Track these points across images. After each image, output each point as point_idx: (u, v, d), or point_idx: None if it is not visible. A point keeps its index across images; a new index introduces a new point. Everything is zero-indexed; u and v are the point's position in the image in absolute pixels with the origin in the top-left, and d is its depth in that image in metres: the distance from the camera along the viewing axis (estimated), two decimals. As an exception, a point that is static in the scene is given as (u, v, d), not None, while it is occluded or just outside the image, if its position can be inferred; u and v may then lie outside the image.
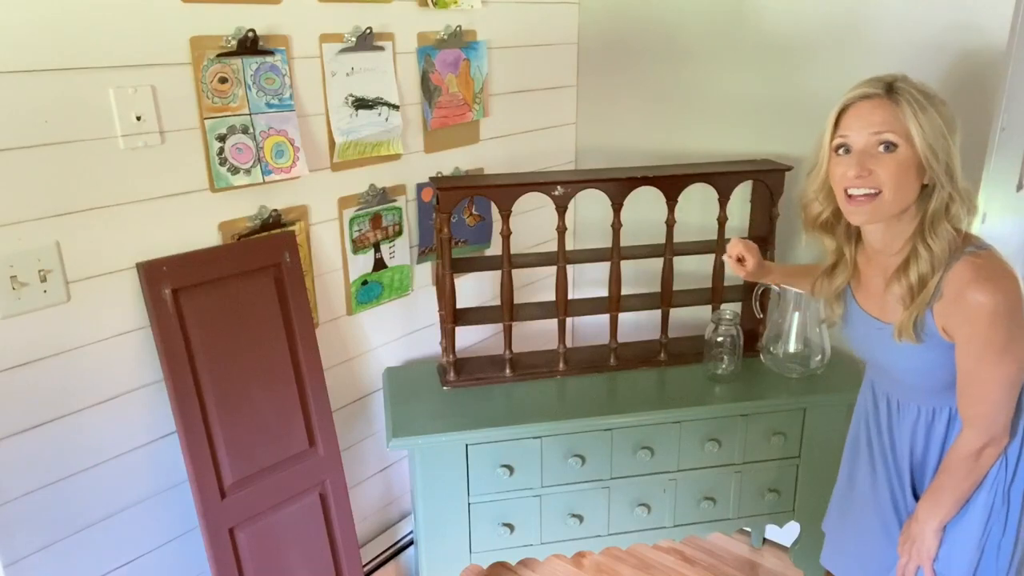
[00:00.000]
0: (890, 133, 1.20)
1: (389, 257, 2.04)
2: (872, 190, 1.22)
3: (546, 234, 2.30)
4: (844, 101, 1.26)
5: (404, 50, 1.93)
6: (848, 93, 1.26)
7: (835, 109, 1.26)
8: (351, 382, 2.04)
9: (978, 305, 1.19)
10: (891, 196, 1.22)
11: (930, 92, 1.22)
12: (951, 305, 1.23)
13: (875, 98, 1.22)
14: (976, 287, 1.20)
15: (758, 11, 2.11)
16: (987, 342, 1.21)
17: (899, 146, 1.20)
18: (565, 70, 2.48)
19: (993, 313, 1.19)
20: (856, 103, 1.24)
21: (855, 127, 1.23)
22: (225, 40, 1.55)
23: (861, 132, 1.22)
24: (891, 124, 1.20)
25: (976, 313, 1.20)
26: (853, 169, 1.22)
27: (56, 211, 1.37)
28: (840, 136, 1.25)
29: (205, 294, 1.58)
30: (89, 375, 1.47)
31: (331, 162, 1.83)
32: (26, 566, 1.43)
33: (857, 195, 1.23)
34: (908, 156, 1.20)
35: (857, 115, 1.23)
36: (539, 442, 1.90)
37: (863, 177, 1.21)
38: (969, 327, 1.22)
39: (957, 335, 1.24)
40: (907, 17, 1.87)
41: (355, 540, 1.89)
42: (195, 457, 1.57)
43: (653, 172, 1.99)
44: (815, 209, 1.37)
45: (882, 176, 1.20)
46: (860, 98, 1.24)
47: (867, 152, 1.22)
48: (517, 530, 1.97)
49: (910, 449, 1.42)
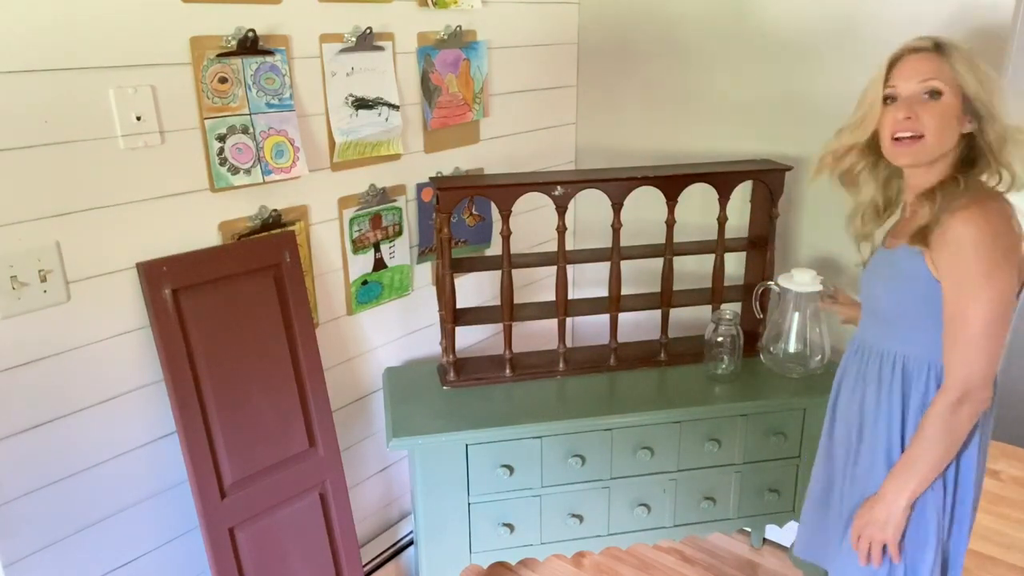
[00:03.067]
0: (936, 80, 1.27)
1: (389, 257, 2.04)
2: (916, 133, 1.28)
3: (546, 234, 2.30)
4: (893, 56, 1.33)
5: (404, 50, 1.93)
6: (897, 50, 1.34)
7: (885, 63, 1.33)
8: (351, 382, 2.04)
9: (961, 233, 1.24)
10: (933, 140, 1.29)
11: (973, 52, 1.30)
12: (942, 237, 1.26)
13: (923, 51, 1.30)
14: (961, 217, 1.24)
15: (758, 11, 2.11)
16: (967, 272, 1.24)
17: (943, 94, 1.27)
18: (565, 70, 2.48)
19: (976, 243, 1.23)
20: (905, 56, 1.32)
21: (904, 76, 1.30)
22: (225, 40, 1.55)
23: (909, 81, 1.30)
24: (937, 73, 1.28)
25: (959, 242, 1.24)
26: (902, 112, 1.29)
27: (56, 211, 1.37)
28: (889, 87, 1.32)
29: (205, 294, 1.58)
30: (89, 375, 1.47)
31: (331, 162, 1.83)
32: (26, 566, 1.43)
33: (903, 138, 1.30)
34: (952, 104, 1.28)
35: (908, 67, 1.31)
36: (539, 442, 1.90)
37: (911, 119, 1.28)
38: (952, 257, 1.25)
39: (943, 269, 1.27)
40: (907, 18, 1.87)
41: (355, 540, 1.89)
42: (195, 457, 1.57)
43: (653, 172, 1.99)
44: (848, 162, 1.44)
45: (926, 121, 1.28)
46: (909, 52, 1.32)
47: (914, 99, 1.29)
48: (517, 530, 1.97)
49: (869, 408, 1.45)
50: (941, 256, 1.27)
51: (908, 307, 1.37)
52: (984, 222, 1.23)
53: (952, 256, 1.25)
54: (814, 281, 1.89)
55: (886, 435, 1.41)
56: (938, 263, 1.28)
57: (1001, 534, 2.49)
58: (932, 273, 1.29)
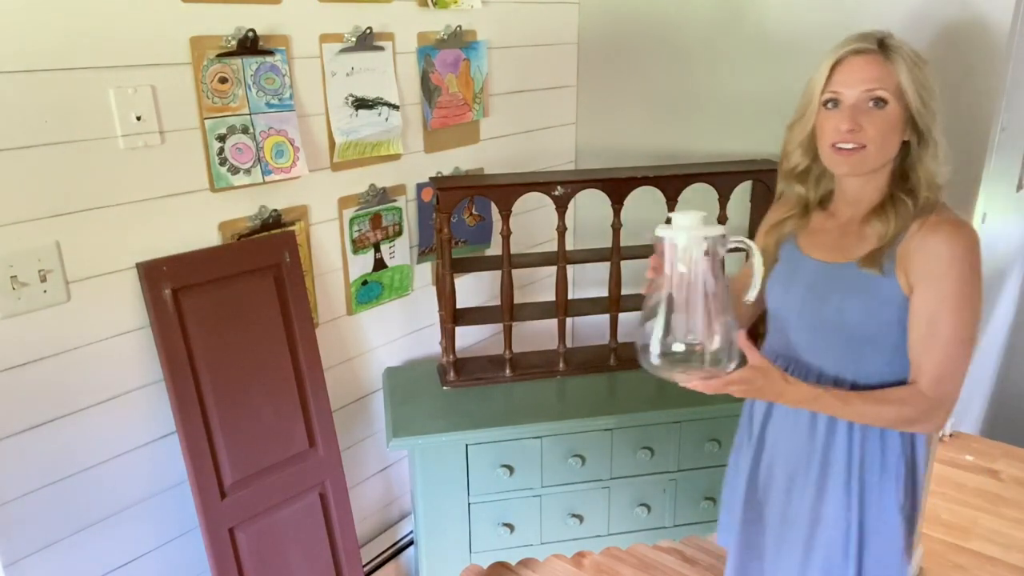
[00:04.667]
0: (882, 90, 1.21)
1: (389, 257, 2.04)
2: (859, 144, 1.23)
3: (546, 234, 2.30)
4: (836, 56, 1.25)
5: (404, 50, 1.93)
6: (839, 47, 1.26)
7: (827, 62, 1.26)
8: (351, 382, 2.04)
9: (945, 246, 1.21)
10: (875, 151, 1.23)
11: (918, 52, 1.24)
12: (917, 251, 1.23)
13: (868, 53, 1.23)
14: (945, 231, 1.22)
15: (758, 11, 2.11)
16: (953, 283, 1.20)
17: (888, 103, 1.22)
18: (565, 70, 2.48)
19: (963, 257, 1.21)
20: (848, 58, 1.24)
21: (847, 82, 1.23)
22: (225, 40, 1.55)
23: (854, 88, 1.22)
24: (883, 80, 1.21)
25: (942, 255, 1.21)
26: (845, 123, 1.22)
27: (56, 211, 1.37)
28: (831, 91, 1.25)
29: (205, 294, 1.58)
30: (89, 375, 1.47)
31: (331, 162, 1.83)
32: (26, 566, 1.43)
33: (844, 148, 1.24)
34: (896, 113, 1.22)
35: (851, 71, 1.23)
36: (539, 442, 1.90)
37: (854, 131, 1.22)
38: (935, 268, 1.21)
39: (919, 279, 1.22)
40: (907, 17, 1.87)
41: (355, 540, 1.89)
42: (195, 457, 1.57)
43: (653, 172, 1.99)
44: (794, 160, 1.37)
45: (870, 132, 1.22)
46: (852, 53, 1.24)
47: (858, 107, 1.22)
48: (517, 530, 1.97)
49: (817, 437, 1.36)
50: (921, 267, 1.22)
51: (883, 330, 1.28)
52: (969, 240, 1.21)
53: (937, 266, 1.20)
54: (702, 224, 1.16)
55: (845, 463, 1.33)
56: (915, 273, 1.22)
57: (1001, 534, 2.49)
58: (899, 283, 1.24)
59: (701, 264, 1.15)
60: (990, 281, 3.37)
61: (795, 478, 1.40)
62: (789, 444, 1.41)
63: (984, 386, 3.79)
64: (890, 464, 1.32)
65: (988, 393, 3.86)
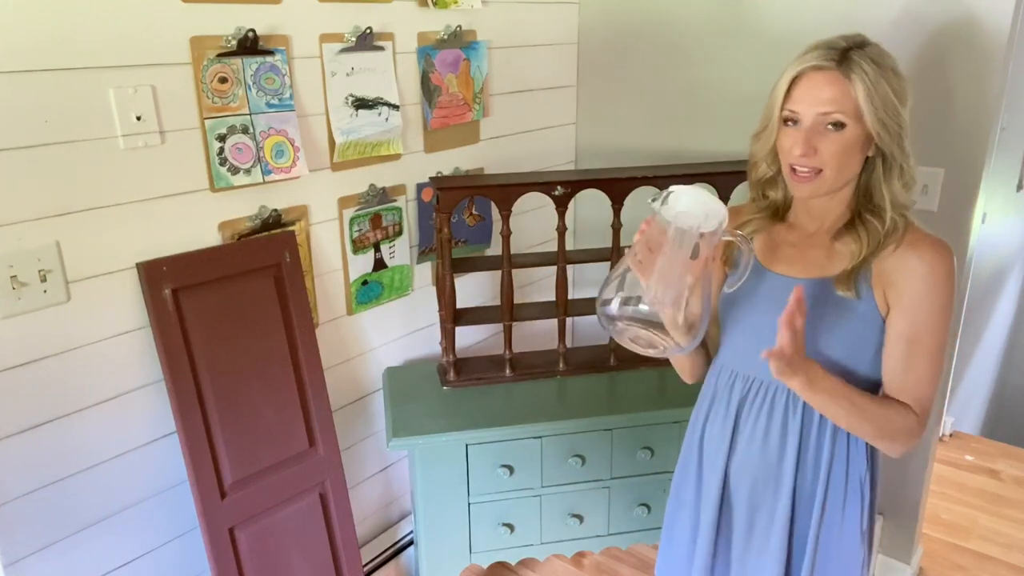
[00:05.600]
0: (839, 113, 1.16)
1: (389, 257, 2.04)
2: (815, 168, 1.19)
3: (546, 234, 2.30)
4: (796, 70, 1.19)
5: (404, 50, 1.93)
6: (800, 60, 1.20)
7: (786, 76, 1.20)
8: (351, 382, 2.04)
9: (927, 266, 1.18)
10: (833, 175, 1.19)
11: (883, 62, 1.17)
12: (896, 271, 1.19)
13: (827, 71, 1.17)
14: (926, 250, 1.19)
15: (758, 11, 2.11)
16: (935, 301, 1.18)
17: (847, 125, 1.16)
18: (565, 70, 2.48)
19: (946, 276, 1.19)
20: (808, 74, 1.18)
21: (805, 101, 1.18)
22: (225, 40, 1.55)
23: (810, 109, 1.17)
24: (840, 103, 1.16)
25: (924, 275, 1.18)
26: (799, 147, 1.18)
27: (56, 211, 1.37)
28: (789, 110, 1.20)
29: (205, 294, 1.58)
30: (89, 375, 1.47)
31: (331, 162, 1.83)
32: (26, 566, 1.43)
33: (801, 171, 1.20)
34: (855, 135, 1.17)
35: (808, 89, 1.18)
36: (539, 442, 1.90)
37: (808, 156, 1.18)
38: (916, 288, 1.18)
39: (898, 299, 1.19)
40: (906, 17, 1.87)
41: (355, 540, 1.89)
42: (195, 457, 1.57)
43: (653, 172, 1.99)
44: (762, 170, 1.32)
45: (826, 156, 1.17)
46: (812, 69, 1.18)
47: (814, 130, 1.18)
48: (517, 530, 1.97)
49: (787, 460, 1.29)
50: (902, 287, 1.19)
51: (855, 349, 1.24)
52: (949, 260, 1.19)
53: (919, 286, 1.18)
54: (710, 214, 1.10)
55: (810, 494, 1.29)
56: (894, 293, 1.20)
57: (1001, 534, 2.49)
58: (880, 312, 1.21)
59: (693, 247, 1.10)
60: (990, 281, 3.37)
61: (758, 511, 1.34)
62: (753, 478, 1.33)
63: (984, 386, 3.79)
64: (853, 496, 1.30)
65: (988, 393, 3.86)
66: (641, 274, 1.11)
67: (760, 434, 1.31)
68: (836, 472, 1.29)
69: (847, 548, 1.32)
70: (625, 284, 1.14)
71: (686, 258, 1.09)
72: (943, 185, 1.89)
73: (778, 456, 1.30)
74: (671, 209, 1.09)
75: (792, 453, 1.28)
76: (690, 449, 1.44)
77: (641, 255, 1.11)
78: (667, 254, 1.09)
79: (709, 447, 1.39)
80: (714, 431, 1.38)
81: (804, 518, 1.31)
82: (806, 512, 1.31)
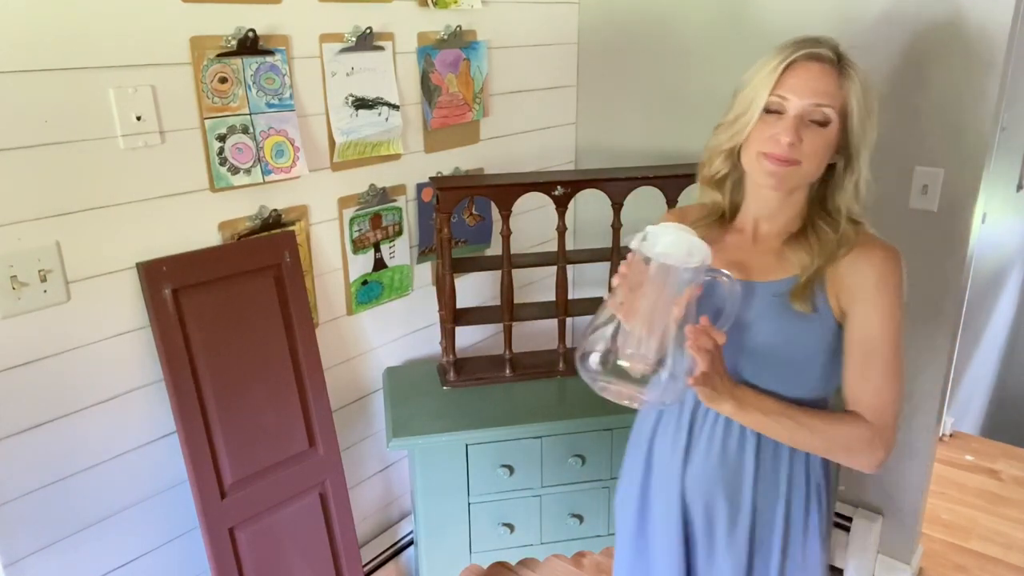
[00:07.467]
0: (829, 107, 1.12)
1: (389, 257, 2.04)
2: (796, 159, 1.13)
3: (546, 234, 2.30)
4: (790, 56, 1.13)
5: (404, 50, 1.93)
6: (794, 47, 1.14)
7: (775, 62, 1.14)
8: (351, 382, 2.04)
9: (879, 272, 1.15)
10: (809, 168, 1.15)
11: (867, 72, 1.16)
12: (849, 275, 1.16)
13: (825, 62, 1.12)
14: (878, 256, 1.16)
15: (758, 11, 2.11)
16: (889, 305, 1.15)
17: (831, 122, 1.13)
18: (565, 70, 2.48)
19: (896, 284, 1.15)
20: (803, 62, 1.12)
21: (799, 90, 1.12)
22: (225, 40, 1.55)
23: (803, 98, 1.12)
24: (834, 97, 1.12)
25: (878, 280, 1.15)
26: (788, 135, 1.11)
27: (56, 211, 1.37)
28: (778, 95, 1.13)
29: (205, 294, 1.58)
30: (89, 375, 1.47)
31: (331, 162, 1.83)
32: (26, 566, 1.43)
33: (778, 160, 1.14)
34: (835, 133, 1.14)
35: (805, 78, 1.12)
36: (539, 442, 1.90)
37: (795, 146, 1.12)
38: (870, 294, 1.15)
39: (853, 304, 1.16)
40: (907, 17, 1.87)
41: (355, 540, 1.89)
42: (195, 457, 1.57)
43: (653, 172, 1.99)
44: (717, 166, 1.26)
45: (807, 149, 1.12)
46: (808, 58, 1.13)
47: (801, 119, 1.12)
48: (517, 530, 1.97)
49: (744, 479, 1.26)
50: (856, 292, 1.16)
51: (811, 356, 1.20)
52: (900, 266, 1.17)
53: (872, 292, 1.15)
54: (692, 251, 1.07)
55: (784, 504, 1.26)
56: (848, 298, 1.16)
57: (1001, 534, 2.49)
58: (836, 318, 1.18)
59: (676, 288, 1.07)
60: (990, 281, 3.37)
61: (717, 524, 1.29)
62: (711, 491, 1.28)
63: (984, 386, 3.79)
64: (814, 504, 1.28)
65: (988, 393, 3.86)
66: (624, 316, 1.07)
67: (717, 446, 1.26)
68: (797, 483, 1.26)
69: (812, 558, 1.29)
70: (607, 335, 1.09)
71: (670, 298, 1.06)
72: (943, 185, 1.89)
73: (736, 467, 1.25)
74: (652, 247, 1.06)
75: (751, 463, 1.25)
76: (635, 462, 1.40)
77: (623, 297, 1.07)
78: (649, 294, 1.06)
79: (660, 461, 1.34)
80: (665, 444, 1.33)
81: (764, 529, 1.27)
82: (766, 523, 1.27)
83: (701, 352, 1.05)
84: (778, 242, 1.24)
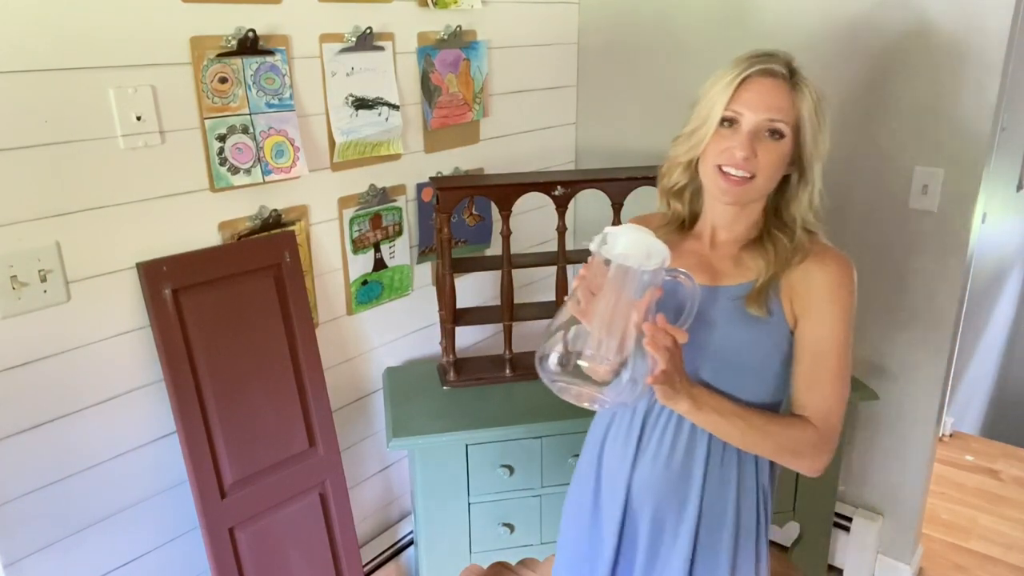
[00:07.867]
0: (782, 122, 1.15)
1: (389, 257, 2.04)
2: (750, 174, 1.16)
3: (546, 234, 2.30)
4: (744, 72, 1.16)
5: (404, 50, 1.93)
6: (748, 62, 1.17)
7: (730, 77, 1.17)
8: (351, 382, 2.04)
9: (831, 279, 1.17)
10: (763, 183, 1.18)
11: (818, 87, 1.19)
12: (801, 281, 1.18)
13: (777, 77, 1.16)
14: (830, 264, 1.18)
15: (758, 11, 2.11)
16: (839, 313, 1.17)
17: (785, 136, 1.16)
18: (565, 70, 2.48)
19: (848, 292, 1.18)
20: (756, 78, 1.16)
21: (752, 105, 1.15)
22: (225, 40, 1.55)
23: (757, 112, 1.15)
24: (787, 112, 1.15)
25: (829, 287, 1.17)
26: (743, 150, 1.14)
27: (56, 211, 1.37)
28: (733, 110, 1.16)
29: (205, 294, 1.58)
30: (89, 375, 1.47)
31: (331, 162, 1.83)
32: (26, 566, 1.43)
33: (734, 175, 1.16)
34: (788, 147, 1.17)
35: (758, 93, 1.15)
36: (539, 442, 1.90)
37: (750, 159, 1.14)
38: (821, 301, 1.17)
39: (804, 310, 1.18)
40: (907, 18, 1.87)
41: (355, 540, 1.89)
42: (195, 457, 1.57)
43: (653, 172, 1.97)
44: (675, 178, 1.29)
45: (762, 162, 1.15)
46: (761, 73, 1.16)
47: (755, 134, 1.15)
48: (517, 530, 1.97)
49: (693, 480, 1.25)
50: (807, 298, 1.18)
51: (765, 359, 1.22)
52: (851, 274, 1.19)
53: (823, 299, 1.17)
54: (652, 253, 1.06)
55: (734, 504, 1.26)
56: (800, 304, 1.19)
57: (1001, 534, 2.49)
58: (789, 323, 1.20)
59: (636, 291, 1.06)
60: (990, 281, 3.37)
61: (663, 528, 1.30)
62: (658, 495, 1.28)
63: (984, 386, 3.79)
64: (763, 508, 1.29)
65: (988, 393, 3.86)
66: (583, 318, 1.06)
67: (666, 450, 1.26)
68: (747, 487, 1.27)
69: (763, 561, 1.31)
70: (566, 337, 1.08)
71: (629, 299, 1.05)
72: (943, 185, 1.89)
73: (684, 472, 1.26)
74: (611, 249, 1.05)
75: (700, 468, 1.25)
76: (588, 466, 1.40)
77: (583, 299, 1.07)
78: (608, 296, 1.05)
79: (610, 464, 1.34)
80: (615, 447, 1.33)
81: (711, 535, 1.27)
82: (714, 528, 1.27)
83: (660, 350, 1.05)
84: (736, 248, 1.26)
